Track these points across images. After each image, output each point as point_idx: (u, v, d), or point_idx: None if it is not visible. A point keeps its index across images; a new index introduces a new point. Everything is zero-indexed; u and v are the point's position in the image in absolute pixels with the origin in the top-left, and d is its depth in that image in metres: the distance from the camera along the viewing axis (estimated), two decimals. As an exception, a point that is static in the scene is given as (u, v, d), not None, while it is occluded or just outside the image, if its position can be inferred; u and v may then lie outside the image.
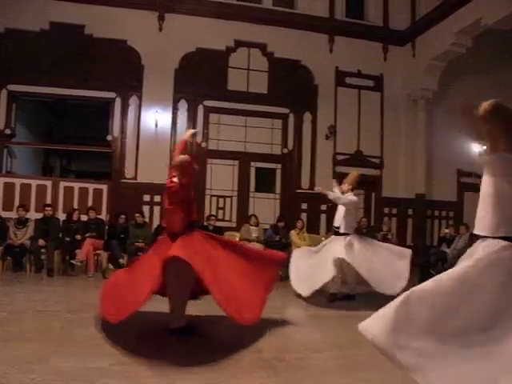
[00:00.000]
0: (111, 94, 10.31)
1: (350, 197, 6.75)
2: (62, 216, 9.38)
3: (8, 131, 10.06)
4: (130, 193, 10.06)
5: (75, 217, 8.91)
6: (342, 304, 6.31)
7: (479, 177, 2.72)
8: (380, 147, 11.53)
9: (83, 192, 10.21)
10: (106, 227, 9.39)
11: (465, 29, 9.87)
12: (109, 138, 10.33)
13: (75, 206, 9.73)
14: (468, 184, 11.35)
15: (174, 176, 4.35)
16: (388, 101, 11.59)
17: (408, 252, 6.71)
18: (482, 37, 9.88)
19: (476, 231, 2.63)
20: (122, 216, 9.21)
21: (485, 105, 2.57)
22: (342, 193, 6.86)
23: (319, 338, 4.66)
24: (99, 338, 4.04)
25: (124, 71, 10.26)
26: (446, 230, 10.40)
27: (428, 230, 11.72)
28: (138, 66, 10.34)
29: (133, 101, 10.37)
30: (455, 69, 10.94)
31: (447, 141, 11.46)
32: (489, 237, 2.55)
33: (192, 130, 5.73)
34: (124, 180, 10.19)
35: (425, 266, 9.55)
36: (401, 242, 10.51)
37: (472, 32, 9.92)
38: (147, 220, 9.66)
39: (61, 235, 8.69)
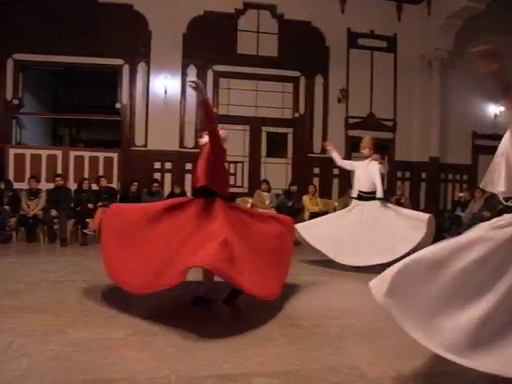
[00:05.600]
0: (119, 61, 10.14)
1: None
2: (73, 186, 9.39)
3: (16, 102, 9.98)
4: (140, 160, 10.03)
5: (86, 186, 8.91)
6: (358, 270, 6.26)
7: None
8: (393, 110, 11.30)
9: (93, 161, 10.16)
10: (118, 196, 9.41)
11: (485, -17, 9.47)
12: (117, 105, 10.21)
13: (86, 175, 9.70)
14: (482, 147, 11.16)
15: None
16: (402, 62, 11.28)
17: (425, 218, 6.51)
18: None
19: None
20: (135, 183, 9.22)
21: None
22: (366, 158, 6.86)
23: (336, 304, 4.61)
24: (114, 308, 4.04)
25: (131, 37, 10.05)
26: (461, 194, 10.30)
27: (441, 194, 11.59)
28: (146, 31, 10.12)
29: (141, 67, 10.20)
30: (472, 28, 10.55)
31: (462, 103, 11.24)
32: None
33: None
34: (134, 148, 10.12)
35: (439, 230, 9.49)
36: (414, 207, 10.45)
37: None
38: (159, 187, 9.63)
39: (72, 205, 8.71)
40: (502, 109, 2.62)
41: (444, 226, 9.48)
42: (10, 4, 9.57)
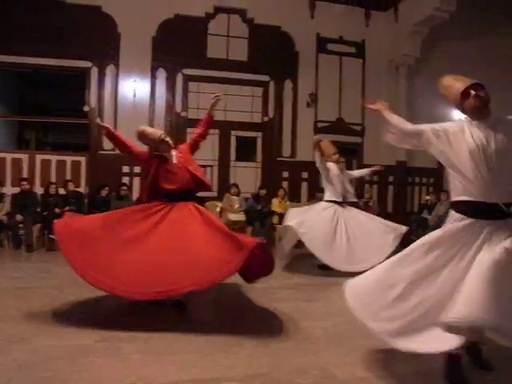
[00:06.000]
0: (87, 63, 9.97)
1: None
2: (39, 190, 9.20)
3: (-22, 104, 9.75)
4: (108, 164, 9.86)
5: (53, 190, 8.74)
6: (324, 272, 6.31)
7: None
8: (361, 114, 11.43)
9: (61, 165, 9.97)
10: (86, 200, 9.26)
11: (449, -8, 9.68)
12: (85, 108, 10.03)
13: (53, 179, 9.51)
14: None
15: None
16: (370, 68, 11.43)
17: (401, 229, 6.69)
18: (466, 1, 9.71)
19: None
20: (106, 188, 9.09)
21: None
22: (336, 162, 6.91)
23: (304, 307, 4.65)
24: (81, 314, 3.98)
25: (100, 39, 9.89)
26: (428, 197, 10.51)
27: (408, 197, 11.80)
28: (115, 33, 9.98)
29: (110, 70, 10.05)
30: (438, 36, 10.81)
31: (427, 107, 11.44)
32: None
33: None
34: (102, 151, 9.96)
35: (406, 232, 9.64)
36: (381, 209, 10.62)
37: (456, -5, 9.73)
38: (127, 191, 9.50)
39: (39, 210, 8.53)
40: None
41: (411, 229, 9.63)
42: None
